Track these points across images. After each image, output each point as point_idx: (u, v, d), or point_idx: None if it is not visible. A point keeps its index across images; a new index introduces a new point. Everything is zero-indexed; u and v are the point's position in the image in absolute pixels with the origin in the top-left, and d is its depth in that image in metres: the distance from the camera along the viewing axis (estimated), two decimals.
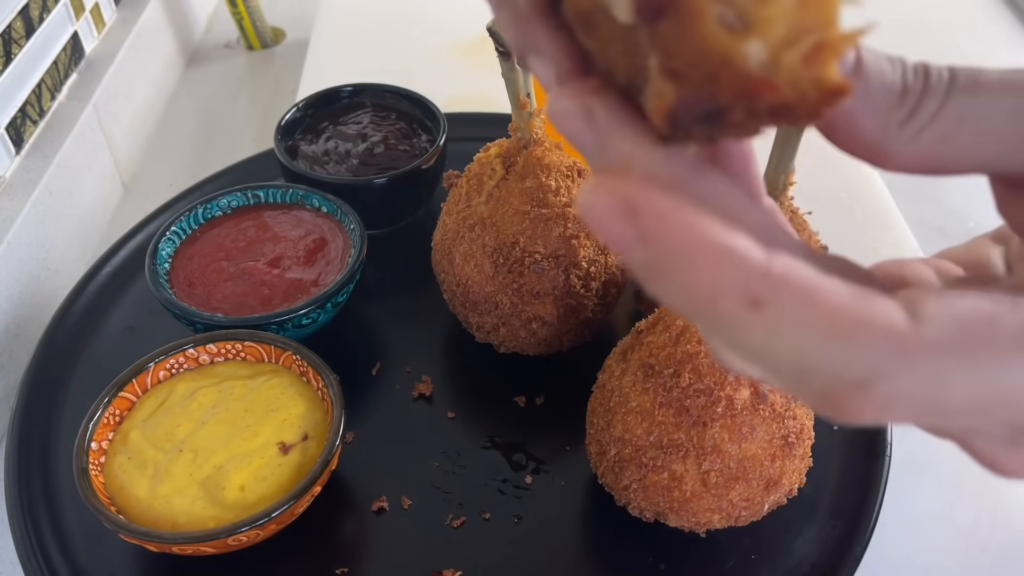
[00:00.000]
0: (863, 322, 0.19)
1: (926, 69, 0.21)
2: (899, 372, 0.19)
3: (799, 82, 0.18)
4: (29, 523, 0.54)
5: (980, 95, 0.21)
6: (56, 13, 0.77)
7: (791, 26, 0.18)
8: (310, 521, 0.54)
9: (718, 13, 0.18)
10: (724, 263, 0.19)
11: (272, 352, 0.58)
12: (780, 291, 0.19)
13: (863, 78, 0.21)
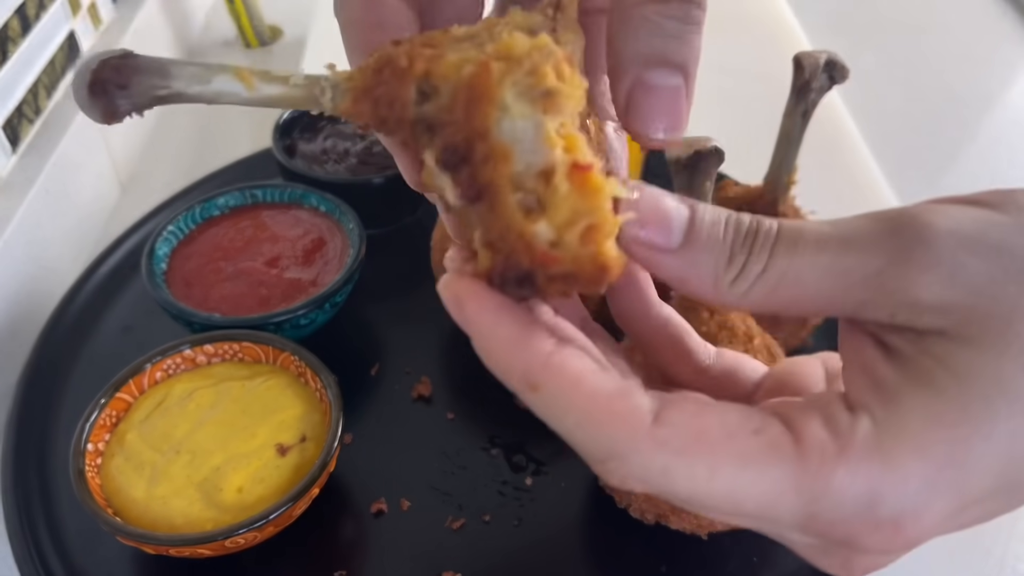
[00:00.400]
0: (610, 414, 0.23)
1: (755, 231, 0.25)
2: (631, 459, 0.23)
3: (578, 256, 0.23)
4: (26, 525, 0.54)
5: (800, 253, 0.24)
6: (53, 11, 0.76)
7: (571, 211, 0.23)
8: (308, 523, 0.53)
9: (520, 198, 0.23)
10: (511, 351, 0.24)
11: (270, 353, 0.57)
12: (551, 380, 0.24)
13: (693, 245, 0.25)
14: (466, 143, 0.24)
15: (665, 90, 0.27)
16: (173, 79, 0.25)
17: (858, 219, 0.25)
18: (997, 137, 0.95)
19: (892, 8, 1.17)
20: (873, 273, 0.24)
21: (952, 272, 0.24)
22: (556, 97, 0.23)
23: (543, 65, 0.23)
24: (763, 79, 0.95)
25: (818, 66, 0.52)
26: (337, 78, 0.26)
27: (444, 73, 0.24)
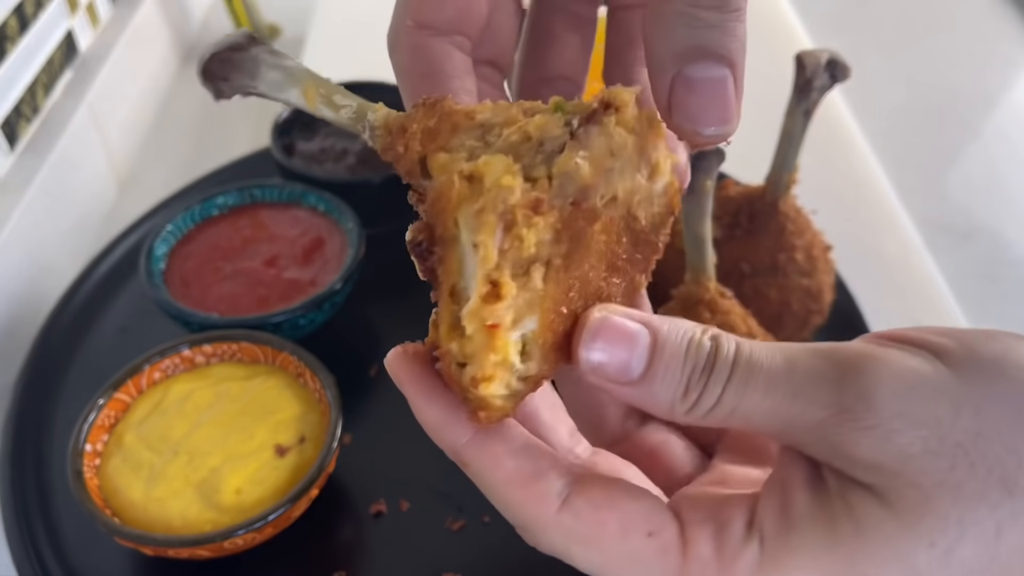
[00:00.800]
0: (521, 497, 0.26)
1: (712, 364, 0.25)
2: (539, 536, 0.27)
3: (468, 394, 0.25)
4: (24, 526, 0.53)
5: (750, 396, 0.25)
6: (51, 10, 0.76)
7: (470, 353, 0.25)
8: (307, 524, 0.53)
9: (455, 309, 0.25)
10: (439, 433, 0.27)
11: (268, 353, 0.57)
12: (473, 460, 0.27)
13: (651, 380, 0.26)
14: (430, 241, 0.26)
15: (709, 83, 0.26)
16: (259, 81, 0.30)
17: (809, 357, 0.26)
18: (998, 136, 0.95)
19: (893, 7, 1.17)
20: (815, 424, 0.25)
21: (887, 436, 0.24)
22: (481, 249, 0.24)
23: (486, 214, 0.24)
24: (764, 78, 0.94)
25: (820, 65, 0.52)
26: (375, 123, 0.28)
27: (433, 167, 0.26)
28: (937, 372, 0.25)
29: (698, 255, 0.49)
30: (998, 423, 0.24)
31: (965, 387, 0.25)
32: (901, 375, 0.25)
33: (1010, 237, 0.81)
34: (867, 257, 0.74)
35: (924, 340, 0.26)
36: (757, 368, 0.25)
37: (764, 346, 0.26)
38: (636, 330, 0.26)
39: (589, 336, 0.26)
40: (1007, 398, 0.24)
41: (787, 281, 0.57)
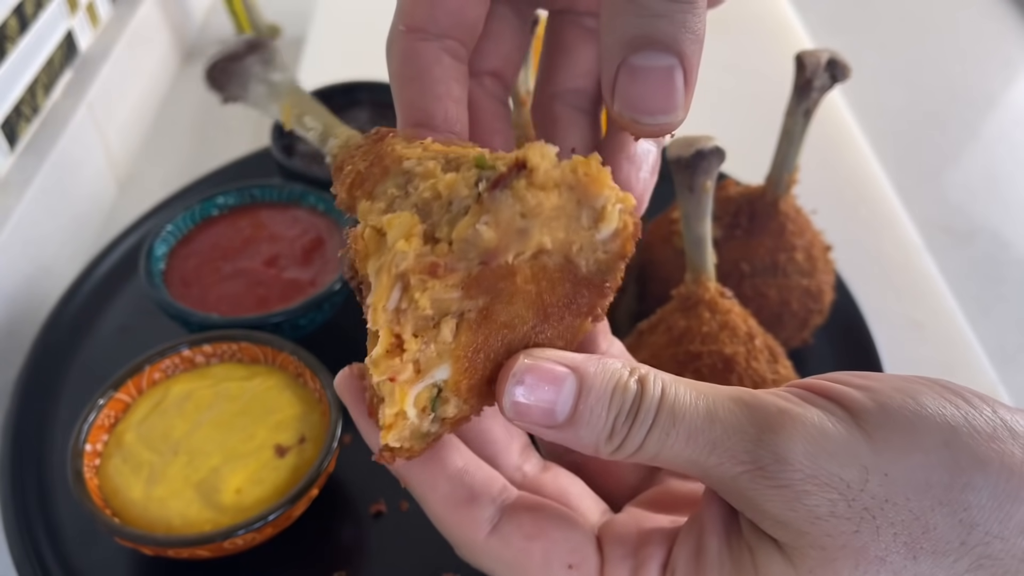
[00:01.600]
0: (454, 520, 0.28)
1: (636, 410, 0.26)
2: (468, 556, 0.29)
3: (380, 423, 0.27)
4: (24, 526, 0.53)
5: (671, 444, 0.26)
6: (51, 10, 0.76)
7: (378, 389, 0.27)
8: (307, 524, 0.53)
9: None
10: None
11: (268, 353, 0.57)
12: (412, 480, 0.29)
13: (576, 424, 0.26)
14: (359, 280, 0.28)
15: (652, 71, 0.26)
16: (248, 95, 0.32)
17: (730, 409, 0.26)
18: (998, 136, 0.95)
19: (893, 7, 1.17)
20: (730, 477, 0.26)
21: (798, 497, 0.25)
22: (371, 311, 0.26)
23: (384, 273, 0.25)
24: (764, 78, 0.94)
25: (820, 65, 0.52)
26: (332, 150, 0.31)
27: (357, 212, 0.28)
28: (851, 436, 0.25)
29: (698, 255, 0.49)
30: (906, 491, 0.25)
31: (876, 453, 0.25)
32: (815, 438, 0.25)
33: (1010, 237, 0.81)
34: (867, 257, 0.74)
35: (842, 396, 0.26)
36: (679, 417, 0.26)
37: (688, 391, 0.27)
38: (562, 374, 0.26)
39: (513, 381, 0.26)
40: (916, 467, 0.25)
41: (787, 281, 0.57)
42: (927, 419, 0.25)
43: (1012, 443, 0.25)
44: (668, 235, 0.60)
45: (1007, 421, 0.25)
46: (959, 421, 0.25)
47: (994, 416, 0.25)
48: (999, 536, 0.24)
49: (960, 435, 0.25)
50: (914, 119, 0.96)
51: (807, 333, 0.60)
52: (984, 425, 0.25)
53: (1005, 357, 0.69)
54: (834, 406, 0.26)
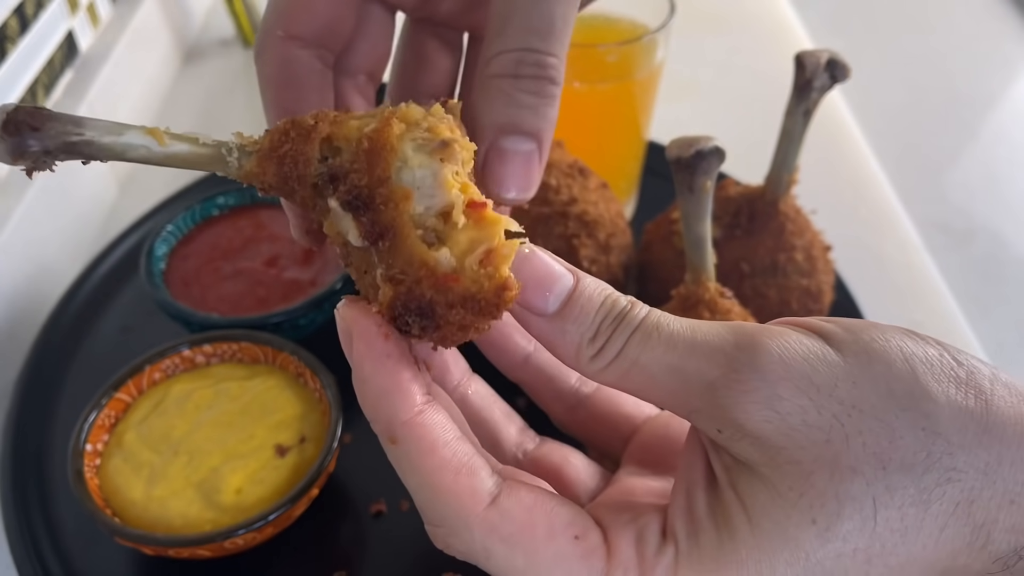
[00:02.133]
0: (452, 488, 0.26)
1: (623, 316, 0.27)
2: (459, 533, 0.27)
3: (478, 278, 0.26)
4: (24, 526, 0.53)
5: (652, 348, 0.27)
6: (51, 10, 0.76)
7: (470, 241, 0.26)
8: (307, 524, 0.53)
9: (420, 233, 0.26)
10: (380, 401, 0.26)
11: (269, 353, 0.57)
12: (409, 438, 0.26)
13: (565, 316, 0.27)
14: (368, 189, 0.27)
15: (517, 155, 0.29)
16: (86, 128, 0.28)
17: (713, 327, 0.28)
18: (998, 136, 0.95)
19: (893, 7, 1.17)
20: (707, 384, 0.27)
21: (770, 402, 0.26)
22: (451, 147, 0.27)
23: (439, 124, 0.27)
24: (764, 78, 0.94)
25: (819, 65, 0.52)
26: (244, 141, 0.29)
27: (347, 135, 0.27)
28: (822, 349, 0.27)
29: (698, 255, 0.49)
30: (871, 397, 0.26)
31: (845, 364, 0.27)
32: (789, 347, 0.27)
33: (1010, 237, 0.81)
34: (867, 257, 0.74)
35: (817, 326, 0.28)
36: (663, 327, 0.27)
37: (675, 316, 0.28)
38: (560, 271, 0.28)
39: (519, 263, 0.27)
40: (880, 376, 0.26)
41: (787, 281, 0.57)
42: (891, 343, 0.27)
43: (958, 369, 0.27)
44: (668, 235, 0.60)
45: (959, 360, 0.27)
46: (919, 349, 0.27)
47: (945, 355, 0.27)
48: (960, 446, 0.26)
49: (917, 355, 0.27)
50: (914, 119, 0.97)
51: None
52: (937, 357, 0.27)
53: (1005, 357, 0.69)
54: (809, 332, 0.28)
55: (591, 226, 0.57)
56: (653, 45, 0.62)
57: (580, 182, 0.57)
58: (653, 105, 0.68)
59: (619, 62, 0.62)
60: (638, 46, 0.62)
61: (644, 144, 0.71)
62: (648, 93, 0.66)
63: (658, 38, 0.62)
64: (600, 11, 0.67)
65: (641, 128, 0.69)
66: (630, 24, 0.66)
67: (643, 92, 0.66)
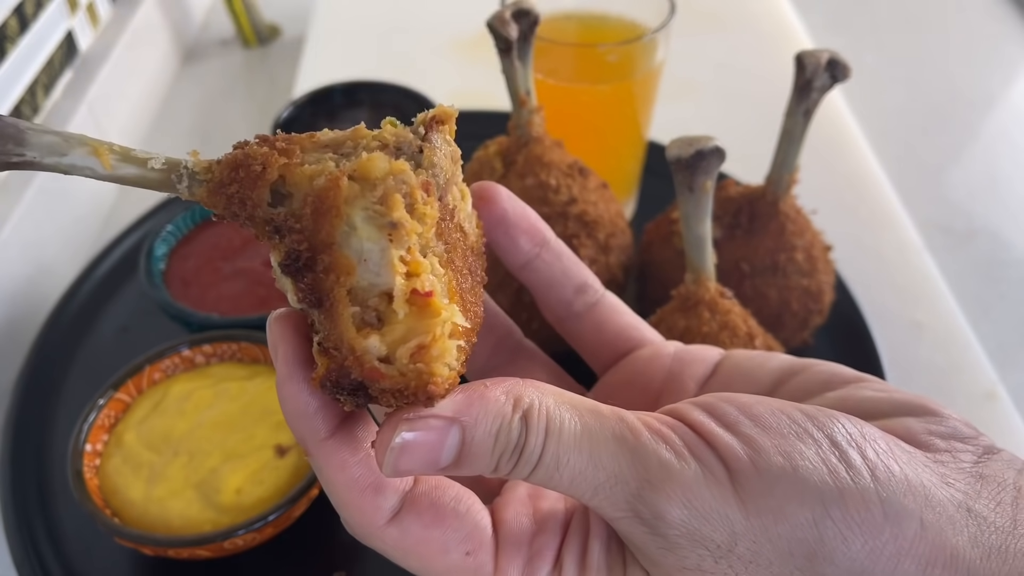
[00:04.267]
0: (356, 506, 0.28)
1: (521, 451, 0.27)
2: (364, 537, 0.29)
3: (406, 372, 0.25)
4: (24, 526, 0.53)
5: (556, 482, 0.27)
6: (51, 10, 0.76)
7: (405, 331, 0.25)
8: (307, 524, 0.53)
9: (357, 312, 0.25)
10: (296, 419, 0.27)
11: (268, 353, 0.57)
12: (320, 457, 0.28)
13: (457, 467, 0.27)
14: (310, 252, 0.25)
15: None
16: (28, 147, 0.25)
17: (615, 459, 0.27)
18: (998, 136, 0.95)
19: (893, 7, 1.17)
20: (610, 518, 0.28)
21: (670, 548, 0.27)
22: (401, 229, 0.25)
23: (393, 195, 0.25)
24: (765, 78, 0.94)
25: (820, 65, 0.52)
26: (196, 167, 0.27)
27: (297, 181, 0.25)
28: (725, 502, 0.27)
29: (698, 255, 0.49)
30: (770, 556, 0.26)
31: (747, 519, 0.26)
32: (691, 501, 0.27)
33: (1010, 237, 0.81)
34: (867, 257, 0.74)
35: (725, 451, 0.27)
36: (563, 462, 0.27)
37: (573, 425, 0.27)
38: (443, 430, 0.27)
39: (398, 449, 0.26)
40: (782, 538, 0.26)
41: (787, 281, 0.57)
42: (802, 490, 0.26)
43: (881, 517, 0.26)
44: (668, 235, 0.60)
45: (882, 486, 0.26)
46: (832, 494, 0.26)
47: (871, 483, 0.26)
48: None
49: (829, 511, 0.26)
50: (914, 119, 0.96)
51: (807, 333, 0.60)
52: (856, 501, 0.26)
53: (1005, 357, 0.69)
54: (716, 461, 0.27)
55: (591, 226, 0.57)
56: (653, 45, 0.62)
57: (580, 182, 0.57)
58: (653, 105, 0.68)
59: (619, 62, 0.62)
60: (638, 46, 0.62)
61: (644, 144, 0.71)
62: (648, 93, 0.66)
63: (658, 38, 0.62)
64: (600, 11, 0.67)
65: (641, 128, 0.69)
66: (630, 24, 0.66)
67: (643, 92, 0.66)
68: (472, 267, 0.31)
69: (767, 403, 0.28)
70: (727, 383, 0.34)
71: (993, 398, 0.64)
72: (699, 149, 0.44)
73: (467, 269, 0.30)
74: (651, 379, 0.36)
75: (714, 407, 0.29)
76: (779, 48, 1.00)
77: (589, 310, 0.38)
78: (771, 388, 0.33)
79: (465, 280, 0.29)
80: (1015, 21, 1.13)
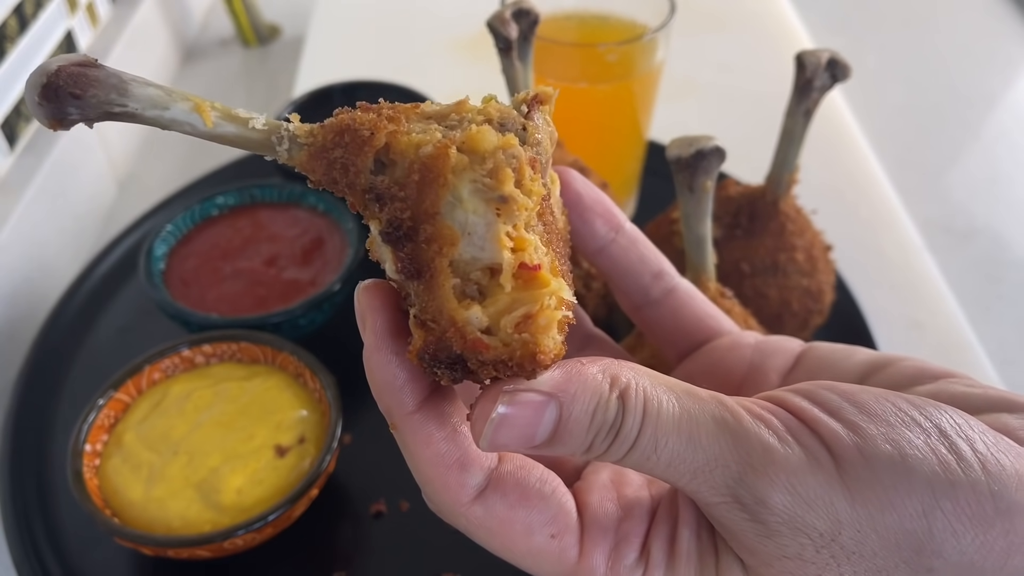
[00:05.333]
0: (441, 482, 0.27)
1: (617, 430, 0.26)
2: (446, 515, 0.28)
3: (510, 342, 0.24)
4: (23, 526, 0.53)
5: (653, 464, 0.26)
6: (51, 10, 0.76)
7: (511, 300, 0.24)
8: (307, 524, 0.53)
9: (457, 284, 0.25)
10: (383, 390, 0.27)
11: (268, 353, 0.57)
12: (406, 430, 0.27)
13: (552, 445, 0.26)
14: (412, 221, 0.24)
15: None
16: (131, 98, 0.25)
17: (716, 441, 0.26)
18: (998, 136, 0.95)
19: (894, 7, 1.17)
20: (708, 503, 0.27)
21: (770, 535, 0.26)
22: (511, 204, 0.24)
23: (504, 168, 0.24)
24: (765, 78, 0.94)
25: (820, 65, 0.51)
26: (298, 131, 0.26)
27: (403, 149, 0.25)
28: (831, 488, 0.26)
29: (698, 255, 0.49)
30: (875, 547, 0.25)
31: (852, 508, 0.25)
32: (795, 487, 0.26)
33: (1010, 237, 0.81)
34: (867, 257, 0.74)
35: (830, 437, 0.26)
36: (661, 442, 0.26)
37: (671, 405, 0.26)
38: (541, 403, 0.26)
39: (499, 419, 0.26)
40: (889, 528, 0.25)
41: (787, 281, 0.57)
42: (911, 480, 0.25)
43: (992, 511, 0.25)
44: (668, 235, 0.60)
45: (994, 480, 0.25)
46: (943, 486, 0.25)
47: (983, 476, 0.25)
48: None
49: (939, 503, 0.25)
50: (914, 119, 0.96)
51: (807, 333, 0.60)
52: (967, 494, 0.25)
53: (1005, 357, 0.69)
54: (820, 447, 0.26)
55: None
56: (653, 45, 0.62)
57: None
58: (653, 105, 0.68)
59: (619, 62, 0.62)
60: (638, 46, 0.62)
61: (644, 144, 0.71)
62: (648, 93, 0.66)
63: (658, 38, 0.62)
64: (600, 11, 0.67)
65: (641, 128, 0.69)
66: (630, 24, 0.66)
67: (643, 92, 0.66)
68: (563, 252, 0.30)
69: (870, 390, 0.27)
70: (812, 375, 0.33)
71: None
72: (699, 149, 0.44)
73: (562, 253, 0.29)
74: (732, 369, 0.35)
75: (815, 394, 0.27)
76: (779, 48, 1.00)
77: (666, 296, 0.37)
78: (860, 379, 0.32)
79: (563, 263, 0.29)
80: (1015, 21, 1.13)
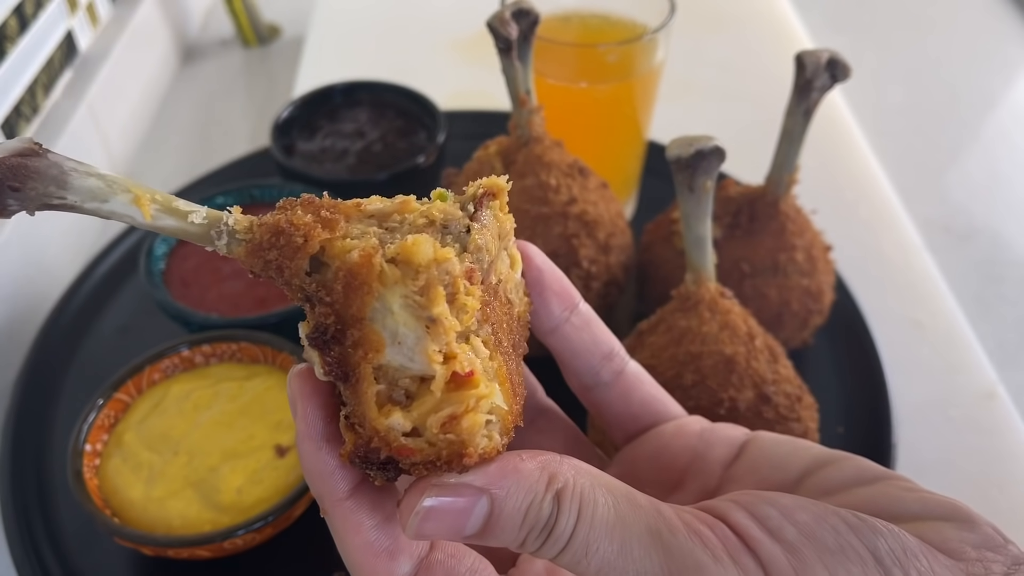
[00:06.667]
0: (371, 567, 0.27)
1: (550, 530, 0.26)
2: None
3: (436, 443, 0.25)
4: (24, 526, 0.53)
5: (588, 561, 0.26)
6: (51, 10, 0.76)
7: (436, 405, 0.25)
8: (307, 524, 0.53)
9: (383, 388, 0.25)
10: (314, 479, 0.27)
11: (268, 353, 0.57)
12: (336, 518, 0.27)
13: (482, 538, 0.26)
14: (339, 324, 0.25)
15: None
16: (70, 191, 0.25)
17: (648, 555, 0.26)
18: (998, 136, 0.95)
19: (894, 7, 1.17)
20: None
21: None
22: (439, 326, 0.24)
23: (436, 287, 0.24)
24: (765, 78, 0.94)
25: (820, 65, 0.51)
26: (237, 226, 0.26)
27: (336, 253, 0.25)
28: None
29: (698, 255, 0.49)
30: None
31: None
32: None
33: (1010, 237, 0.81)
34: (867, 257, 0.74)
35: (765, 557, 0.26)
36: (592, 550, 0.26)
37: (607, 511, 0.26)
38: (470, 501, 0.26)
39: (423, 500, 0.26)
40: None
41: (787, 281, 0.57)
42: None
43: None
44: (668, 235, 0.60)
45: None
46: None
47: None
48: None
49: None
50: (914, 119, 0.97)
51: (807, 333, 0.60)
52: None
53: (1005, 357, 0.69)
54: (757, 569, 0.26)
55: (591, 226, 0.57)
56: (653, 45, 0.62)
57: (580, 182, 0.57)
58: (653, 105, 0.68)
59: (619, 62, 0.62)
60: (638, 46, 0.62)
61: (644, 144, 0.71)
62: (648, 93, 0.66)
63: (658, 38, 0.62)
64: (600, 11, 0.67)
65: (641, 128, 0.69)
66: (630, 24, 0.66)
67: (643, 92, 0.66)
68: (516, 341, 0.30)
69: (810, 509, 0.27)
70: (754, 469, 0.34)
71: (993, 398, 0.64)
72: (699, 149, 0.44)
73: (511, 345, 0.29)
74: (676, 456, 0.35)
75: (756, 509, 0.27)
76: (779, 48, 1.00)
77: (615, 379, 0.37)
78: (799, 478, 0.32)
79: (511, 359, 0.28)
80: (1015, 21, 1.13)
